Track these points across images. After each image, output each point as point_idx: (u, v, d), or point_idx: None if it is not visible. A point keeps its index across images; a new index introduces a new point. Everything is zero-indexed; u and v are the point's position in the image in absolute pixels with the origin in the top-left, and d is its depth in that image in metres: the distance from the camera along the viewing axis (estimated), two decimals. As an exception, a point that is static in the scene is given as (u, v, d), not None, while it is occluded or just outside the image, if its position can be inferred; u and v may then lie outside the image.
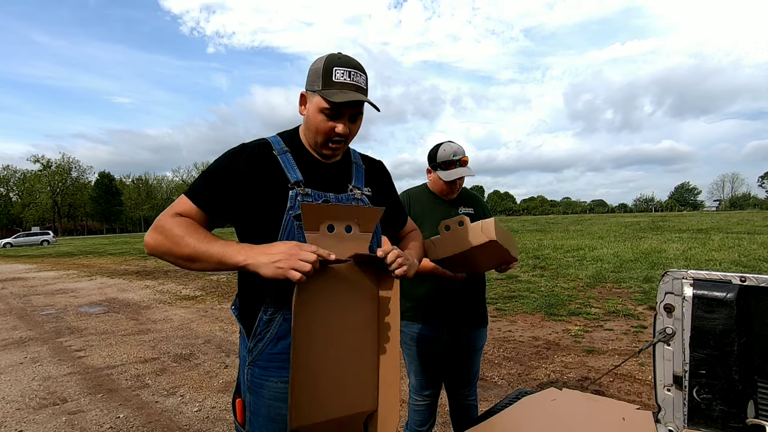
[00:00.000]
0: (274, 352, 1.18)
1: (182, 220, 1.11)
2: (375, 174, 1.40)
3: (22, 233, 43.53)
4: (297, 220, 1.15)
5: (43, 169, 70.58)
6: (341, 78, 1.16)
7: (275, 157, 1.21)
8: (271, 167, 1.19)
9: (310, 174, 1.22)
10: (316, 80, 1.18)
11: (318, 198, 1.20)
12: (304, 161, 1.24)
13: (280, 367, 1.17)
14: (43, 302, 8.47)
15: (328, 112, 1.17)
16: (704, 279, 0.94)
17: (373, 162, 1.44)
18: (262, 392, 1.19)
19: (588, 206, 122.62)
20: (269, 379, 1.18)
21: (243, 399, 1.24)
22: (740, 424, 0.89)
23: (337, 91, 1.15)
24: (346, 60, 1.19)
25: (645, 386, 3.43)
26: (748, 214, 34.23)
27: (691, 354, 0.94)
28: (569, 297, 6.73)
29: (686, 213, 54.37)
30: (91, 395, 3.71)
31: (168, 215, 1.13)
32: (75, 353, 4.96)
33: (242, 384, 1.25)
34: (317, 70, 1.18)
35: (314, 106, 1.19)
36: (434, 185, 2.08)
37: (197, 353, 4.81)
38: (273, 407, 1.17)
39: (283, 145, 1.24)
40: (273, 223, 1.16)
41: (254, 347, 1.20)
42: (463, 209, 2.09)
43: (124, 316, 6.90)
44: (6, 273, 14.96)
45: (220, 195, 1.16)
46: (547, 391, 1.59)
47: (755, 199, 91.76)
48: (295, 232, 1.16)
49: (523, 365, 4.04)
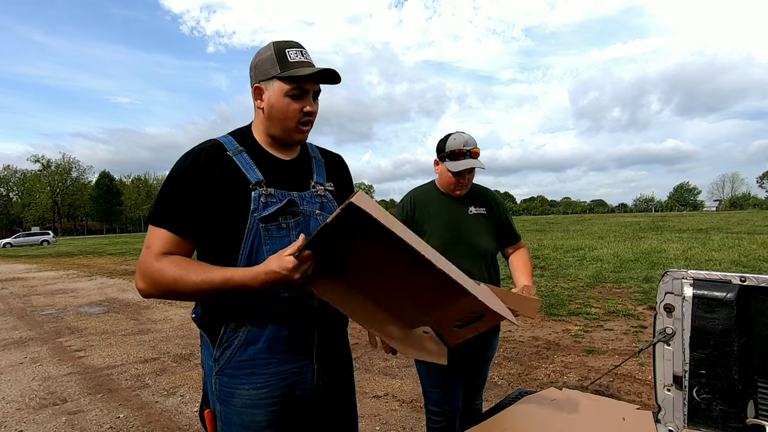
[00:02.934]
0: (243, 359, 1.14)
1: (171, 258, 1.07)
2: (335, 168, 1.35)
3: (22, 233, 43.54)
4: (262, 223, 1.11)
5: (43, 169, 70.61)
6: (296, 57, 1.14)
7: (231, 159, 1.14)
8: (228, 169, 1.13)
9: (270, 173, 1.17)
10: (271, 67, 1.14)
11: (282, 197, 1.15)
12: (262, 160, 1.18)
13: (251, 374, 1.13)
14: (43, 302, 8.47)
15: (293, 92, 1.13)
16: (704, 279, 0.94)
17: (332, 155, 1.39)
18: (232, 401, 1.14)
19: (588, 206, 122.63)
20: (240, 387, 1.14)
21: (212, 409, 1.20)
22: (740, 424, 0.89)
23: (299, 68, 1.12)
24: (294, 42, 1.17)
25: (645, 386, 3.43)
26: (748, 214, 34.22)
27: (691, 354, 0.94)
28: (569, 297, 6.73)
29: (686, 213, 54.36)
30: (91, 395, 3.70)
31: (151, 259, 1.08)
32: (75, 353, 4.96)
33: (210, 394, 1.20)
34: (269, 57, 1.15)
35: (276, 92, 1.14)
36: (442, 179, 1.93)
37: (197, 353, 4.80)
38: (245, 414, 1.13)
39: (237, 144, 1.18)
40: (237, 228, 1.10)
41: (221, 356, 1.15)
42: (474, 209, 1.94)
43: (124, 316, 6.89)
44: (6, 273, 14.95)
45: (191, 210, 1.10)
46: (547, 391, 1.59)
47: (755, 199, 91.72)
48: (260, 235, 1.11)
49: (523, 365, 4.03)
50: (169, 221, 1.10)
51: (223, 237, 1.12)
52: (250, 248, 1.11)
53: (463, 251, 1.87)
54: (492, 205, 1.99)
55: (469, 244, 1.89)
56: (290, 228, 1.15)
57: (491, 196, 2.03)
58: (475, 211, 1.94)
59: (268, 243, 1.11)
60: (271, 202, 1.13)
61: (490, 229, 1.96)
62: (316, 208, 1.21)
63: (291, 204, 1.16)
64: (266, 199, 1.12)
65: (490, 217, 1.96)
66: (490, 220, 1.96)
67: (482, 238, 1.92)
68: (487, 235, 1.94)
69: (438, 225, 1.90)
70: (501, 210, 2.01)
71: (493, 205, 1.99)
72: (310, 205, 1.20)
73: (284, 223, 1.14)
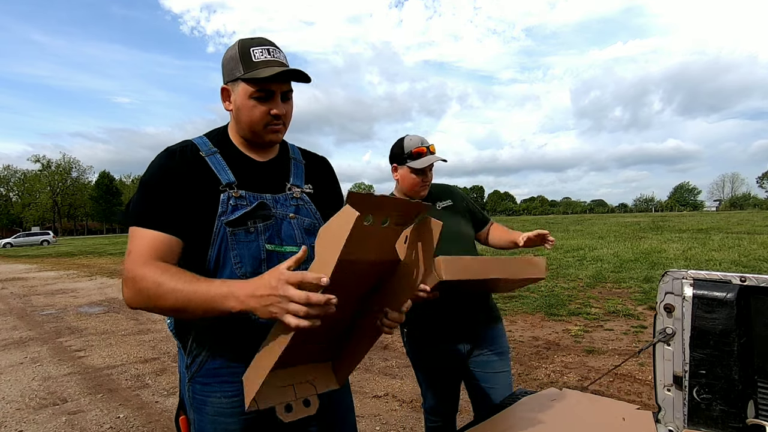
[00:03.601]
0: (214, 366, 1.11)
1: (157, 266, 0.98)
2: (317, 170, 1.30)
3: (22, 233, 43.57)
4: (230, 227, 1.06)
5: (43, 169, 70.67)
6: (262, 57, 1.08)
7: (203, 159, 1.11)
8: (200, 170, 1.09)
9: (243, 174, 1.13)
10: (235, 67, 1.09)
11: (252, 200, 1.10)
12: (236, 161, 1.14)
13: (222, 382, 1.10)
14: (43, 302, 8.47)
15: (257, 95, 1.08)
16: (704, 279, 0.94)
17: (316, 158, 1.34)
18: (205, 409, 1.11)
19: (588, 206, 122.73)
20: (212, 395, 1.11)
21: (187, 416, 1.17)
22: (740, 424, 0.89)
23: (262, 68, 1.06)
24: (261, 39, 1.11)
25: (645, 386, 3.43)
26: (748, 214, 34.23)
27: (691, 354, 0.94)
28: (569, 297, 6.73)
29: (686, 213, 54.37)
30: (91, 395, 3.71)
31: (137, 263, 0.99)
32: (75, 353, 4.96)
33: (185, 401, 1.17)
34: (233, 57, 1.10)
35: (241, 94, 1.09)
36: (404, 183, 1.90)
37: (197, 353, 4.81)
38: (218, 423, 1.11)
39: (211, 145, 1.14)
40: (204, 232, 1.06)
41: (192, 363, 1.12)
42: (441, 204, 1.95)
43: (124, 316, 6.89)
44: (6, 273, 14.96)
45: (170, 207, 1.05)
46: (547, 391, 1.59)
47: (755, 199, 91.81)
48: (228, 240, 1.06)
49: (523, 365, 4.03)
50: (150, 219, 1.03)
51: (192, 240, 1.06)
52: (217, 253, 1.07)
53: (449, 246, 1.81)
54: (454, 196, 2.01)
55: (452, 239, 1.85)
56: (259, 232, 1.10)
57: (450, 188, 2.06)
58: (443, 204, 1.95)
59: (235, 248, 1.07)
60: (241, 205, 1.09)
61: (463, 216, 1.99)
62: (290, 211, 1.16)
63: (261, 207, 1.11)
64: (236, 202, 1.08)
65: (458, 206, 1.99)
66: (459, 209, 1.99)
67: (460, 225, 1.94)
68: (462, 223, 1.97)
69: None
70: (464, 198, 2.05)
71: (455, 196, 2.01)
72: (284, 207, 1.16)
73: (253, 227, 1.09)
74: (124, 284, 1.01)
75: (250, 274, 1.06)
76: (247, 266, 1.08)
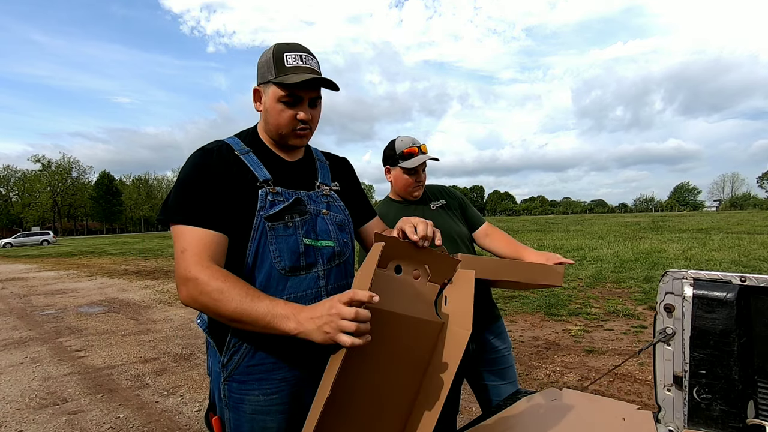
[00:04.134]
0: (252, 363, 1.11)
1: (216, 270, 1.01)
2: (340, 169, 1.36)
3: (22, 233, 43.54)
4: (269, 221, 1.09)
5: (43, 169, 70.67)
6: (294, 63, 1.11)
7: (239, 158, 1.14)
8: (236, 167, 1.13)
9: (276, 172, 1.17)
10: (268, 71, 1.13)
11: (289, 196, 1.14)
12: (269, 160, 1.18)
13: (260, 379, 1.11)
14: (43, 302, 8.47)
15: (286, 99, 1.12)
16: (704, 279, 0.94)
17: (337, 158, 1.40)
18: (242, 407, 1.11)
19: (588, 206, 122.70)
20: (250, 393, 1.11)
21: (220, 416, 1.17)
22: (740, 424, 0.89)
23: (292, 74, 1.10)
24: (295, 45, 1.15)
25: (645, 386, 3.43)
26: (748, 214, 34.21)
27: (691, 354, 0.94)
28: (569, 297, 6.73)
29: (686, 213, 54.35)
30: (91, 395, 3.71)
31: (195, 262, 1.01)
32: (75, 353, 4.96)
33: (218, 401, 1.17)
34: (267, 60, 1.13)
35: (271, 97, 1.13)
36: (398, 184, 1.90)
37: (197, 353, 4.81)
38: (256, 421, 1.11)
39: (244, 145, 1.18)
40: (243, 228, 1.09)
41: (229, 361, 1.12)
42: (435, 204, 1.95)
43: (124, 316, 6.89)
44: (6, 273, 14.96)
45: (214, 204, 1.08)
46: (547, 391, 1.58)
47: (755, 199, 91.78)
48: (267, 234, 1.09)
49: (523, 365, 4.03)
50: (197, 216, 1.05)
51: (232, 236, 1.09)
52: (257, 247, 1.09)
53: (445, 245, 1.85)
54: (447, 196, 2.00)
55: (449, 239, 1.86)
56: (296, 227, 1.13)
57: (443, 188, 2.05)
58: (437, 204, 1.94)
59: (274, 242, 1.10)
60: (278, 201, 1.12)
61: (457, 215, 1.97)
62: (322, 207, 1.21)
63: (298, 202, 1.15)
64: (273, 198, 1.12)
65: (451, 206, 1.97)
66: (453, 209, 1.98)
67: (454, 225, 1.92)
68: (457, 223, 1.94)
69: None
70: (457, 197, 2.03)
71: (447, 195, 2.00)
72: (317, 204, 1.20)
73: (291, 221, 1.12)
74: (181, 284, 1.02)
75: (289, 268, 1.10)
76: (286, 260, 1.10)
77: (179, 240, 1.05)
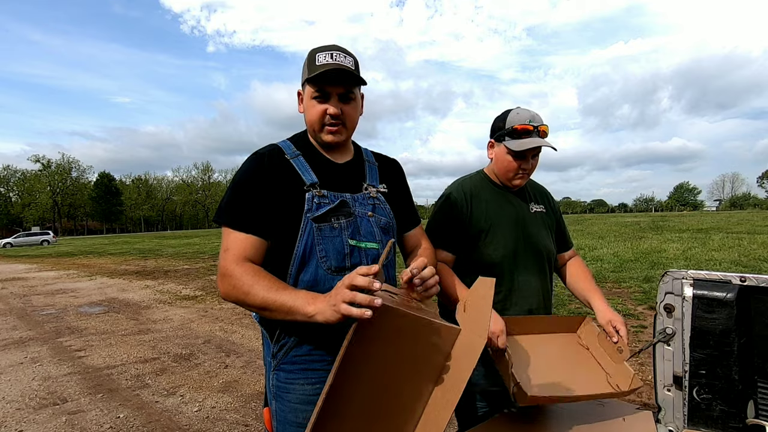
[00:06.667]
0: (299, 354, 1.16)
1: (248, 267, 1.09)
2: (389, 171, 1.39)
3: (22, 233, 43.51)
4: (316, 222, 1.14)
5: (43, 169, 70.64)
6: (324, 60, 1.16)
7: (288, 162, 1.20)
8: (286, 172, 1.18)
9: (324, 175, 1.21)
10: (304, 72, 1.20)
11: (334, 199, 1.18)
12: (317, 163, 1.23)
13: (305, 369, 1.15)
14: (43, 302, 8.47)
15: (315, 95, 1.18)
16: (704, 279, 0.94)
17: (387, 160, 1.42)
18: (288, 397, 1.16)
19: (588, 206, 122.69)
20: (295, 383, 1.15)
21: (270, 407, 1.22)
22: (740, 424, 0.89)
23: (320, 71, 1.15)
24: (330, 46, 1.20)
25: (645, 386, 3.42)
26: (748, 214, 34.22)
27: (691, 354, 0.94)
28: (569, 297, 6.73)
29: (686, 213, 54.35)
30: (91, 395, 3.70)
31: (233, 261, 1.10)
32: (75, 353, 4.96)
33: (268, 392, 1.22)
34: (305, 62, 1.21)
35: (306, 96, 1.21)
36: (498, 165, 1.58)
37: (197, 353, 4.81)
38: (300, 411, 1.14)
39: (294, 149, 1.23)
40: (291, 229, 1.14)
41: (279, 351, 1.18)
42: (535, 207, 1.65)
43: (124, 316, 6.89)
44: (6, 273, 14.95)
45: (262, 211, 1.14)
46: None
47: (755, 199, 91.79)
48: (314, 235, 1.14)
49: (523, 365, 4.03)
50: (242, 222, 1.13)
51: (280, 237, 1.15)
52: (304, 248, 1.14)
53: (530, 261, 1.58)
54: (548, 202, 1.71)
55: (536, 251, 1.59)
56: (342, 228, 1.17)
57: (546, 192, 1.76)
58: (537, 209, 1.65)
59: (321, 243, 1.14)
60: (324, 203, 1.16)
61: (551, 231, 1.68)
62: (368, 209, 1.24)
63: (343, 205, 1.19)
64: (319, 200, 1.16)
65: (549, 217, 1.68)
66: (550, 221, 1.69)
67: (547, 239, 1.63)
68: (550, 236, 1.66)
69: (504, 226, 1.56)
70: (557, 209, 1.74)
71: (549, 202, 1.72)
72: (362, 206, 1.23)
73: (336, 223, 1.16)
74: (220, 279, 1.11)
75: (335, 268, 1.15)
76: (331, 260, 1.15)
77: (224, 240, 1.14)
